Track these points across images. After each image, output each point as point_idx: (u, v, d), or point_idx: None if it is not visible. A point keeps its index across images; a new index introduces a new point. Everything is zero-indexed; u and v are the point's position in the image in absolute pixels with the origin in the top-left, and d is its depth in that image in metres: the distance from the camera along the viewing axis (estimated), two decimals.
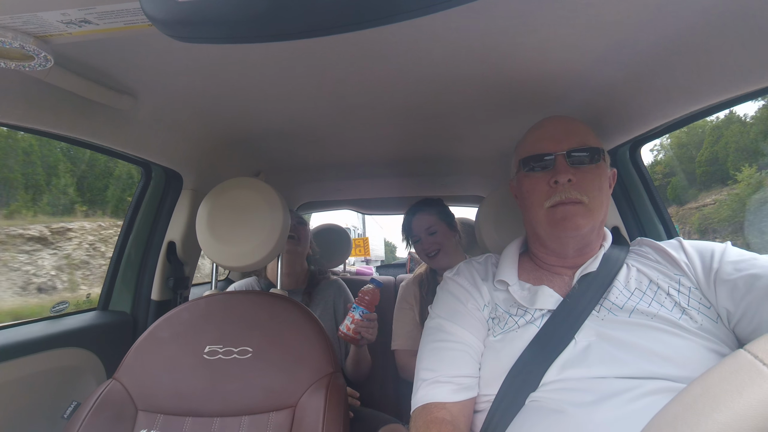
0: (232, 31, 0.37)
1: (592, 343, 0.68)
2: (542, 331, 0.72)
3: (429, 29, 0.67)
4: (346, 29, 0.38)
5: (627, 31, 0.69)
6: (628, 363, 0.64)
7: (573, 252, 0.79)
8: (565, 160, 0.75)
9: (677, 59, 0.75)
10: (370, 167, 1.65)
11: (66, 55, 0.72)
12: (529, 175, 0.80)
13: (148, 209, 1.35)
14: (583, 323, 0.70)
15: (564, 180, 0.74)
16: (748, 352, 0.35)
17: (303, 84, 0.87)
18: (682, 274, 0.73)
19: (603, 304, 0.72)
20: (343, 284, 1.60)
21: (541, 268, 0.84)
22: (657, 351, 0.64)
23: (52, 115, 0.83)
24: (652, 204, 1.26)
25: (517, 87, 0.91)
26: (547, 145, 0.78)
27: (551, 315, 0.73)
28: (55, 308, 1.16)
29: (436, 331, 0.81)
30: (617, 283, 0.75)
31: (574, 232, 0.75)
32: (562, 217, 0.74)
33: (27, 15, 0.53)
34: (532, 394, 0.67)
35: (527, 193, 0.80)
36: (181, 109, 0.99)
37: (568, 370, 0.66)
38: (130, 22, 0.55)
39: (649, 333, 0.66)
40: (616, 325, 0.69)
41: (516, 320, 0.75)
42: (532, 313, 0.75)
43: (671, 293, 0.71)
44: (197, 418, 0.87)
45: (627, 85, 0.88)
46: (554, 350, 0.69)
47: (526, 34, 0.70)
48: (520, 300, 0.77)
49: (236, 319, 0.98)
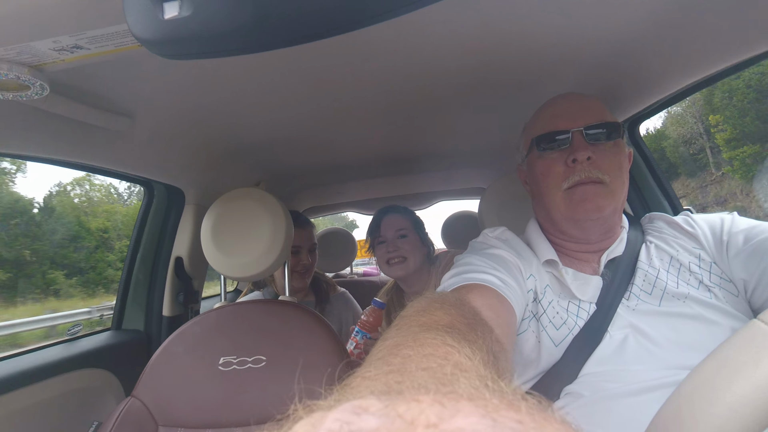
0: (218, 45, 0.37)
1: (627, 336, 0.64)
2: (587, 325, 0.67)
3: (416, 25, 0.67)
4: (332, 33, 0.38)
5: (615, 8, 0.69)
6: (665, 359, 0.61)
7: (597, 236, 0.74)
8: (583, 137, 0.69)
9: (668, 33, 0.75)
10: (369, 167, 1.65)
11: (61, 82, 0.73)
12: (543, 155, 0.73)
13: (153, 227, 1.36)
14: (614, 314, 0.67)
15: (583, 158, 0.68)
16: (762, 321, 0.34)
17: (296, 90, 0.88)
18: (701, 248, 0.70)
19: (632, 291, 0.69)
20: (350, 298, 1.59)
21: (563, 255, 0.77)
22: (692, 343, 0.61)
23: (52, 142, 0.85)
24: (655, 180, 1.25)
25: (508, 75, 0.91)
26: (562, 122, 0.72)
27: (597, 307, 0.68)
28: (71, 330, 1.18)
29: (462, 266, 0.70)
30: (641, 263, 0.71)
31: (595, 214, 0.68)
32: (582, 198, 0.68)
33: (20, 45, 0.54)
34: (568, 386, 0.64)
35: (541, 176, 0.74)
36: (178, 125, 1.00)
37: (604, 365, 0.64)
38: (120, 44, 0.56)
39: (683, 323, 0.63)
40: (649, 317, 0.65)
41: (566, 310, 0.69)
42: (578, 304, 0.69)
43: (693, 270, 0.68)
44: (217, 430, 0.88)
45: (620, 63, 0.87)
46: (591, 344, 0.65)
47: (514, 21, 0.69)
48: (575, 290, 0.70)
49: (248, 329, 0.99)
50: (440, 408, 0.15)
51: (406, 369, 0.26)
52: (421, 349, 0.31)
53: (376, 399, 0.16)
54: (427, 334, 0.34)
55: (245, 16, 0.36)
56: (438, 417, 0.15)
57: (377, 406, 0.16)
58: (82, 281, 15.53)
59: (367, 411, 0.16)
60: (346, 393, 0.22)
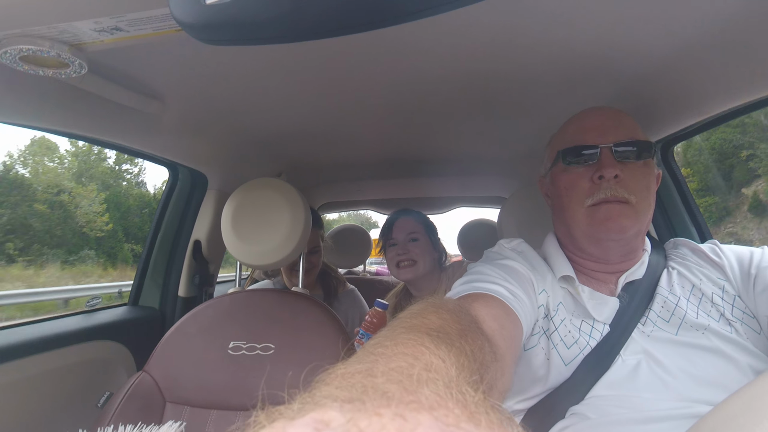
0: (258, 32, 0.38)
1: (640, 361, 0.63)
2: (598, 346, 0.66)
3: (452, 25, 0.66)
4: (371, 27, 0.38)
5: (659, 24, 0.66)
6: (678, 390, 0.59)
7: (617, 257, 0.71)
8: (612, 154, 0.67)
9: (715, 53, 0.71)
10: (389, 167, 1.65)
11: (99, 62, 0.75)
12: (569, 169, 0.71)
13: (175, 209, 1.39)
14: (628, 338, 0.65)
15: (610, 175, 0.65)
16: None
17: (322, 85, 0.88)
18: (726, 280, 0.67)
19: (649, 316, 0.67)
20: (358, 295, 1.59)
21: (580, 273, 0.74)
22: (708, 378, 0.59)
23: (87, 120, 0.88)
24: (685, 206, 1.21)
25: (540, 84, 0.89)
26: (591, 136, 0.69)
27: (610, 329, 0.67)
28: (89, 303, 1.22)
29: (473, 275, 0.70)
30: (661, 289, 0.68)
31: (618, 235, 0.67)
32: (606, 217, 0.66)
33: (63, 25, 0.56)
34: (574, 407, 0.63)
35: (564, 190, 0.72)
36: (207, 112, 1.02)
37: (614, 389, 0.62)
38: (158, 27, 0.58)
39: (699, 356, 0.61)
40: (664, 346, 0.64)
41: (578, 329, 0.68)
42: (592, 324, 0.68)
43: (715, 301, 0.65)
44: (222, 411, 0.89)
45: (658, 81, 0.84)
46: (601, 367, 0.64)
47: (551, 29, 0.68)
48: (591, 309, 0.68)
49: (259, 316, 1.01)
50: (401, 422, 0.16)
51: (376, 369, 0.26)
52: (395, 348, 0.31)
53: (338, 411, 0.17)
54: (408, 335, 0.34)
55: (286, 4, 0.36)
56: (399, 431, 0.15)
57: (339, 421, 0.16)
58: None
59: (328, 426, 0.16)
60: (314, 394, 0.22)
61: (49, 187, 15.04)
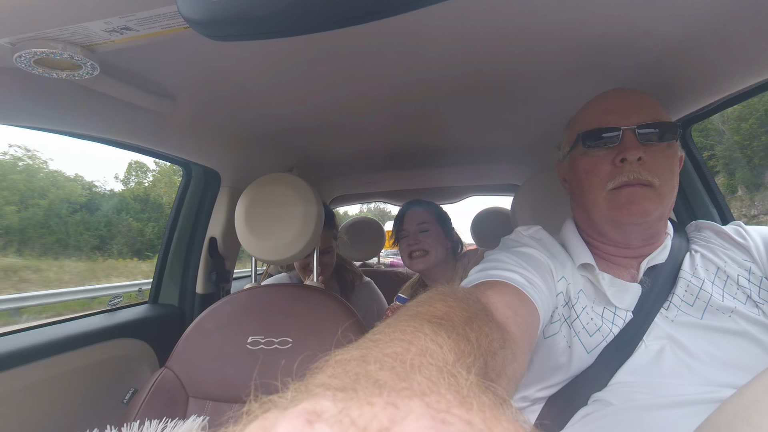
0: (264, 26, 0.37)
1: (664, 347, 0.62)
2: (621, 333, 0.65)
3: (460, 11, 0.65)
4: (379, 16, 0.37)
5: (674, 1, 0.64)
6: (704, 374, 0.58)
7: (639, 242, 0.70)
8: (635, 136, 0.65)
9: (734, 27, 0.68)
10: (400, 158, 1.64)
11: (110, 63, 0.75)
12: (589, 152, 0.69)
13: (190, 207, 1.41)
14: (651, 324, 0.64)
15: (633, 158, 0.64)
16: None
17: (331, 78, 0.87)
18: (752, 261, 0.65)
19: (672, 301, 0.65)
20: (375, 287, 1.60)
21: (601, 259, 0.73)
22: (735, 361, 0.58)
23: (100, 121, 0.88)
24: (705, 187, 1.17)
25: (553, 67, 0.86)
26: (613, 118, 0.68)
27: (633, 315, 0.66)
28: (112, 302, 1.25)
29: (489, 262, 0.69)
30: (683, 273, 0.67)
31: (640, 218, 0.65)
32: (628, 200, 0.65)
33: (74, 26, 0.57)
34: (597, 393, 0.63)
35: (585, 173, 0.70)
36: (217, 109, 1.02)
37: (638, 375, 0.61)
38: (166, 26, 0.57)
39: (725, 340, 0.60)
40: (689, 330, 0.62)
41: (600, 316, 0.67)
42: (614, 311, 0.67)
43: (741, 284, 0.64)
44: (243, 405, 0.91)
45: (676, 59, 0.81)
46: (624, 353, 0.63)
47: (562, 10, 0.66)
48: (612, 297, 0.67)
49: (276, 311, 1.02)
50: (393, 410, 0.16)
51: (370, 355, 0.26)
52: (393, 334, 0.31)
53: (330, 401, 0.17)
54: (409, 322, 0.34)
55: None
56: (390, 420, 0.15)
57: (330, 412, 0.16)
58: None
59: (320, 417, 0.16)
60: (308, 382, 0.23)
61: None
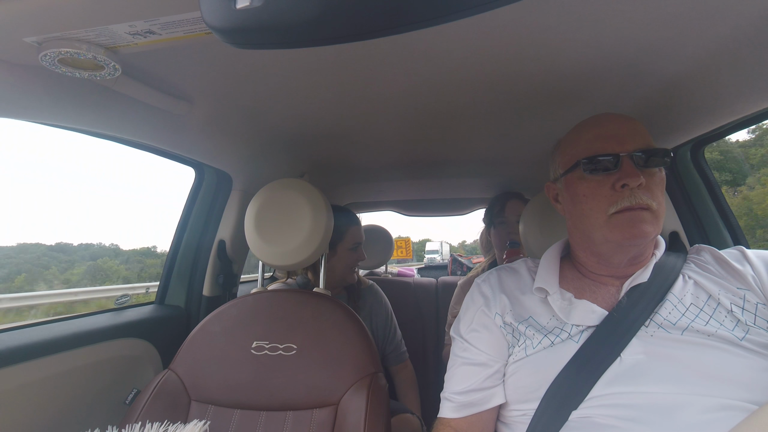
0: (287, 36, 0.37)
1: (640, 360, 0.64)
2: (583, 348, 0.68)
3: (477, 27, 0.65)
4: (398, 30, 0.37)
5: (692, 23, 0.64)
6: (680, 382, 0.60)
7: (626, 261, 0.73)
8: (632, 162, 0.69)
9: (748, 52, 0.68)
10: (412, 168, 1.64)
11: (131, 65, 0.77)
12: (588, 177, 0.72)
13: (201, 209, 1.42)
14: (630, 340, 0.66)
15: (635, 184, 0.67)
16: None
17: (346, 87, 0.88)
18: (748, 289, 0.66)
19: (654, 319, 0.67)
20: (379, 290, 1.60)
21: (584, 277, 0.78)
22: (713, 372, 0.59)
23: (118, 121, 0.90)
24: (717, 208, 1.16)
25: (567, 83, 0.86)
26: (610, 144, 0.71)
27: (594, 331, 0.69)
28: (119, 301, 1.25)
29: (453, 337, 0.85)
30: (671, 297, 0.69)
31: (640, 240, 0.68)
32: (630, 224, 0.67)
33: (99, 28, 0.58)
34: (575, 412, 0.64)
35: (584, 198, 0.73)
36: (232, 113, 1.03)
37: (615, 386, 0.63)
38: (189, 31, 0.58)
39: (704, 352, 0.61)
40: (667, 342, 0.64)
41: (557, 333, 0.71)
42: (569, 330, 0.71)
43: (734, 311, 0.65)
44: (245, 411, 0.90)
45: (690, 81, 0.81)
46: (598, 367, 0.65)
47: (578, 29, 0.66)
48: (559, 311, 0.72)
49: (281, 317, 1.01)
50: None
51: None
52: None
53: None
54: None
55: (315, 9, 0.36)
56: None
57: None
58: None
59: None
60: None
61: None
